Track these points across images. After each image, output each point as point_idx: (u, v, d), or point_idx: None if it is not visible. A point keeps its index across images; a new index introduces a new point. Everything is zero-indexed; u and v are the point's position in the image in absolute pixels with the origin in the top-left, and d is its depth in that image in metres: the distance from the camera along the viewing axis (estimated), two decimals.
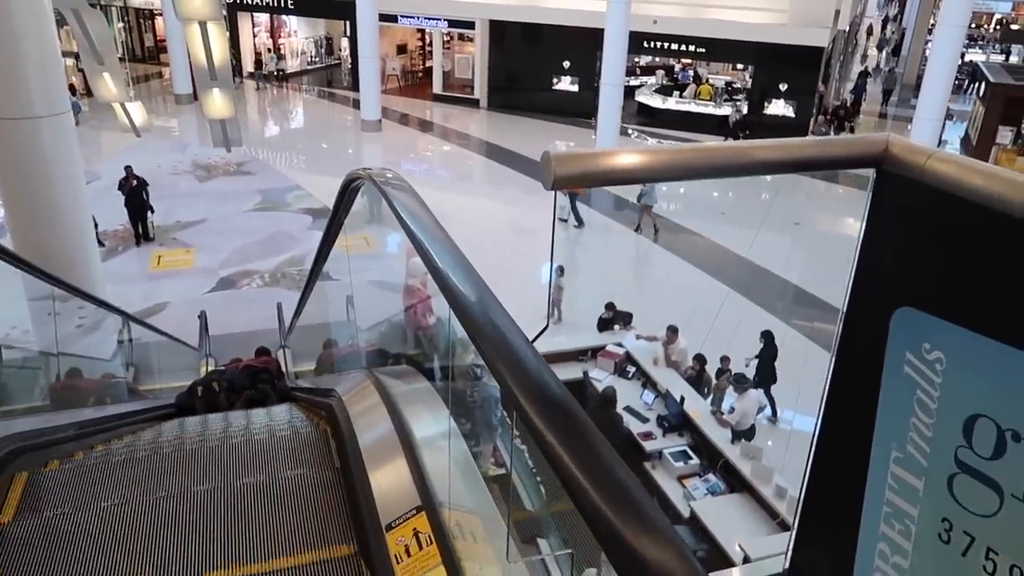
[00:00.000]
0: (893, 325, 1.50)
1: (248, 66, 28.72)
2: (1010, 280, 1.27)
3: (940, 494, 1.42)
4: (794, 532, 2.01)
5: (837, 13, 21.82)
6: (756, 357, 9.93)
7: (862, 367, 1.62)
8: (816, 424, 1.91)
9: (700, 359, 9.59)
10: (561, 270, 11.54)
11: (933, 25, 23.46)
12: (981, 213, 1.27)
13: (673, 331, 9.65)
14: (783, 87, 21.99)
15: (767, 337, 9.92)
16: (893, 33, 40.80)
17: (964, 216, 1.31)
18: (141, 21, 31.08)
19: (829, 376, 1.82)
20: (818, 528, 1.99)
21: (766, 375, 9.82)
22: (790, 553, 1.92)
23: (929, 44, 22.78)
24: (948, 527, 1.41)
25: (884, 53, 36.47)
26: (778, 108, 22.32)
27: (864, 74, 27.85)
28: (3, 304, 7.04)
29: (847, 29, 26.94)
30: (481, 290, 1.54)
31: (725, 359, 9.64)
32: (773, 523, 6.98)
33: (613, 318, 10.38)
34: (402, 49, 29.49)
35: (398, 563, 1.91)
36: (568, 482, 0.99)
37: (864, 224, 1.63)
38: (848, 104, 24.15)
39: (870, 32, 39.70)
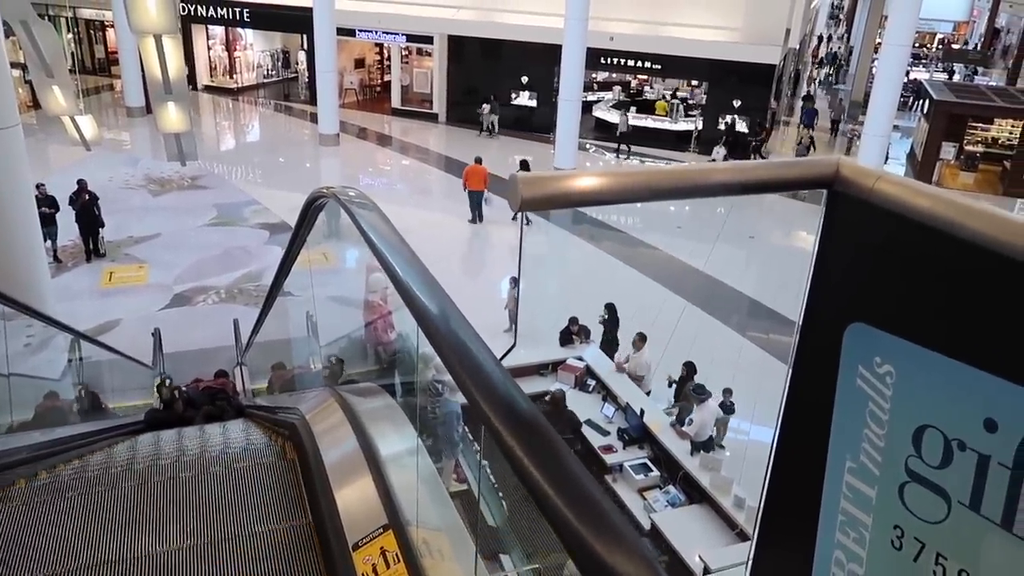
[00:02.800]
0: (846, 340, 1.56)
1: (203, 79, 28.32)
2: (954, 296, 1.34)
3: (892, 502, 1.48)
4: (754, 542, 2.06)
5: (788, 31, 22.43)
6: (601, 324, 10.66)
7: (817, 380, 1.68)
8: (774, 435, 1.97)
9: (689, 366, 9.75)
10: (515, 282, 11.63)
11: (879, 44, 24.21)
12: (926, 233, 1.34)
13: (641, 338, 9.81)
14: (737, 103, 22.47)
15: (610, 309, 10.57)
16: (836, 55, 41.82)
17: (910, 235, 1.38)
18: (92, 32, 30.45)
19: (786, 389, 1.88)
20: (777, 537, 2.04)
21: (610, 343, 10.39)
22: (750, 563, 1.97)
23: (875, 63, 23.54)
24: (900, 534, 1.47)
25: (823, 73, 37.38)
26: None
27: (808, 98, 27.24)
28: None
29: (798, 47, 27.68)
30: (449, 308, 1.55)
31: (690, 364, 9.81)
32: (732, 533, 7.08)
33: (578, 332, 10.48)
34: (360, 63, 29.39)
35: None
36: (537, 495, 1.01)
37: (817, 242, 1.70)
38: (757, 126, 22.56)
39: (815, 55, 40.41)
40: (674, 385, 9.89)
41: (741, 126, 22.44)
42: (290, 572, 2.15)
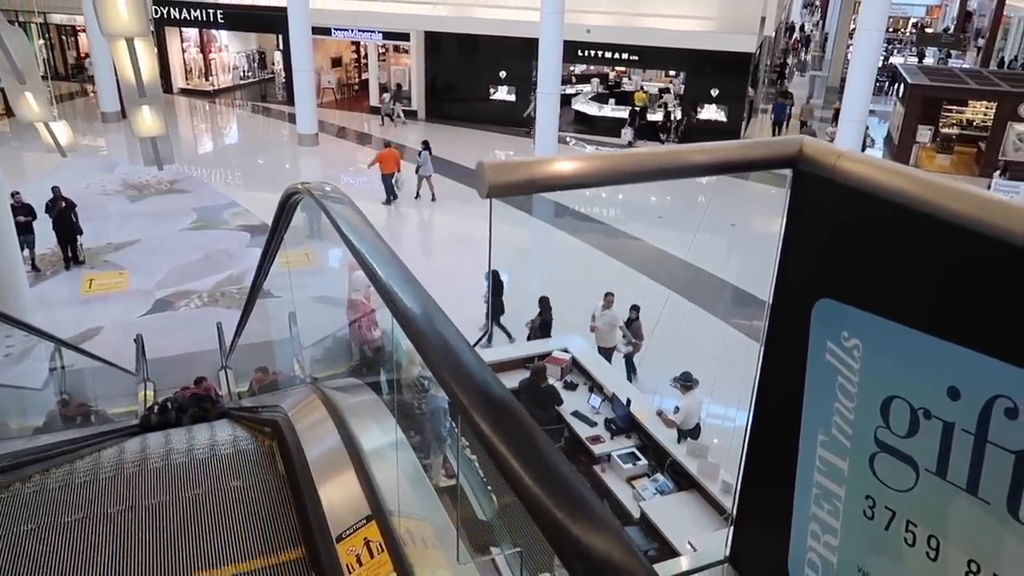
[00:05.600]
0: (814, 316, 1.59)
1: (179, 82, 28.06)
2: (915, 269, 1.36)
3: (863, 473, 1.51)
4: (733, 517, 2.09)
5: (763, 20, 22.55)
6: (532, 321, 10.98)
7: (788, 357, 1.71)
8: (749, 414, 2.00)
9: (635, 308, 10.94)
10: (495, 276, 11.69)
11: (853, 30, 24.40)
12: (887, 207, 1.37)
13: (608, 296, 10.62)
14: (714, 92, 22.58)
15: (542, 303, 10.89)
16: (808, 39, 41.85)
17: (872, 211, 1.41)
18: (64, 38, 30.10)
19: (759, 367, 1.91)
20: (755, 514, 2.07)
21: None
22: (729, 540, 2.00)
23: (851, 48, 23.72)
24: (871, 504, 1.50)
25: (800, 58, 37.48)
26: (710, 113, 22.90)
27: (783, 94, 26.29)
28: None
29: (773, 35, 27.84)
30: (424, 300, 1.57)
31: (635, 308, 10.92)
32: (721, 518, 7.13)
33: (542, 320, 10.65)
34: (337, 62, 29.24)
35: (350, 573, 1.92)
36: (516, 485, 1.03)
37: (784, 221, 1.72)
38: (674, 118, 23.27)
39: (795, 47, 40.13)
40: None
41: (713, 113, 22.61)
42: (276, 564, 2.16)
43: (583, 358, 9.61)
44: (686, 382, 8.69)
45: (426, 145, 18.16)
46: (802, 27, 45.49)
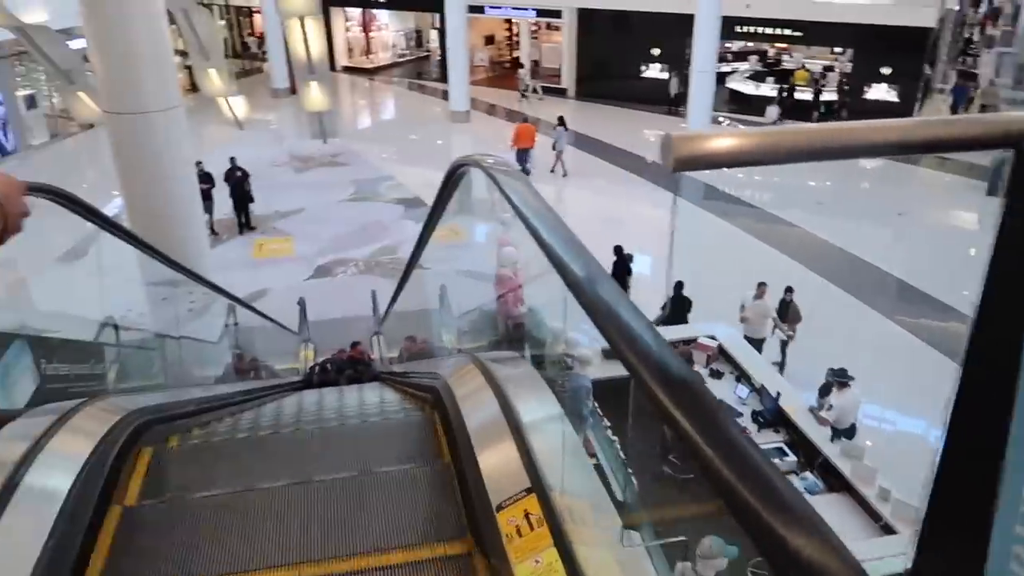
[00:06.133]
0: None
1: (341, 60, 29.50)
2: None
3: None
4: (918, 535, 1.93)
5: None
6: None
7: (995, 374, 1.53)
8: (942, 433, 1.83)
9: (790, 290, 10.55)
10: (631, 257, 11.49)
11: None
12: None
13: (761, 286, 10.24)
14: (885, 71, 20.95)
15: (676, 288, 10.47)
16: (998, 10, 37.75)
17: None
18: (240, 19, 32.36)
19: (957, 385, 1.73)
20: (942, 546, 1.90)
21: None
22: (910, 567, 1.84)
23: None
24: None
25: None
26: (880, 92, 21.29)
27: (965, 75, 23.84)
28: (117, 287, 7.52)
29: (958, 7, 25.42)
30: (598, 272, 1.53)
31: (789, 289, 10.53)
32: (876, 526, 6.71)
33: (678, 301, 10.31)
34: (490, 40, 29.66)
35: (509, 543, 1.94)
36: (715, 479, 0.97)
37: (1002, 215, 1.53)
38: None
39: (983, 22, 36.24)
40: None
41: (884, 92, 20.97)
42: (434, 527, 2.22)
43: (731, 346, 9.28)
44: (841, 379, 8.20)
45: (561, 121, 18.23)
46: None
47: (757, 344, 9.94)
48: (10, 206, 1.05)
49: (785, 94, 22.01)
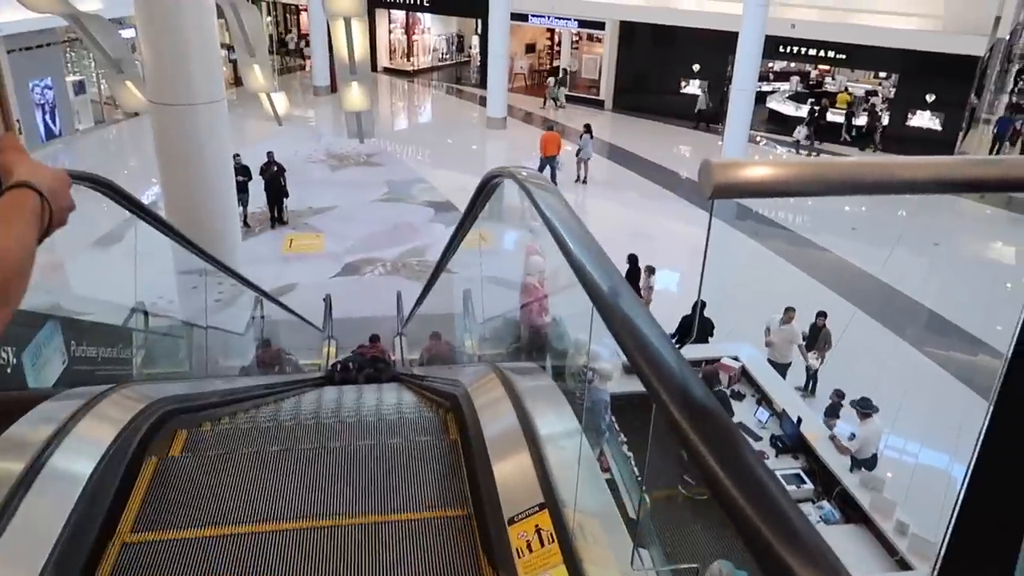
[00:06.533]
0: None
1: (383, 61, 29.77)
2: None
3: None
4: (937, 569, 1.90)
5: (997, 20, 20.27)
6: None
7: None
8: (968, 467, 1.80)
9: (823, 315, 10.36)
10: (651, 270, 11.42)
11: None
12: None
13: (789, 311, 10.11)
14: (930, 98, 20.65)
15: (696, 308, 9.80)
16: None
17: None
18: (287, 16, 32.82)
19: (988, 416, 1.70)
20: (963, 571, 1.87)
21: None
22: None
23: None
24: None
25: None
26: (923, 120, 20.98)
27: (1015, 107, 23.41)
28: (149, 274, 7.65)
29: (1008, 37, 24.99)
30: (625, 291, 1.53)
31: (822, 314, 10.33)
32: (891, 560, 6.59)
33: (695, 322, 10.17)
34: (531, 48, 29.75)
35: (519, 557, 1.94)
36: (726, 504, 0.97)
37: None
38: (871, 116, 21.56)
39: None
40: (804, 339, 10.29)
41: (927, 120, 20.67)
42: (446, 537, 2.23)
43: (754, 368, 9.19)
44: (865, 409, 8.07)
45: (587, 129, 18.36)
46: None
47: (782, 369, 9.83)
48: (58, 200, 1.08)
49: (816, 115, 21.80)
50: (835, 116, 22.28)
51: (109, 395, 2.73)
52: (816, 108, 22.09)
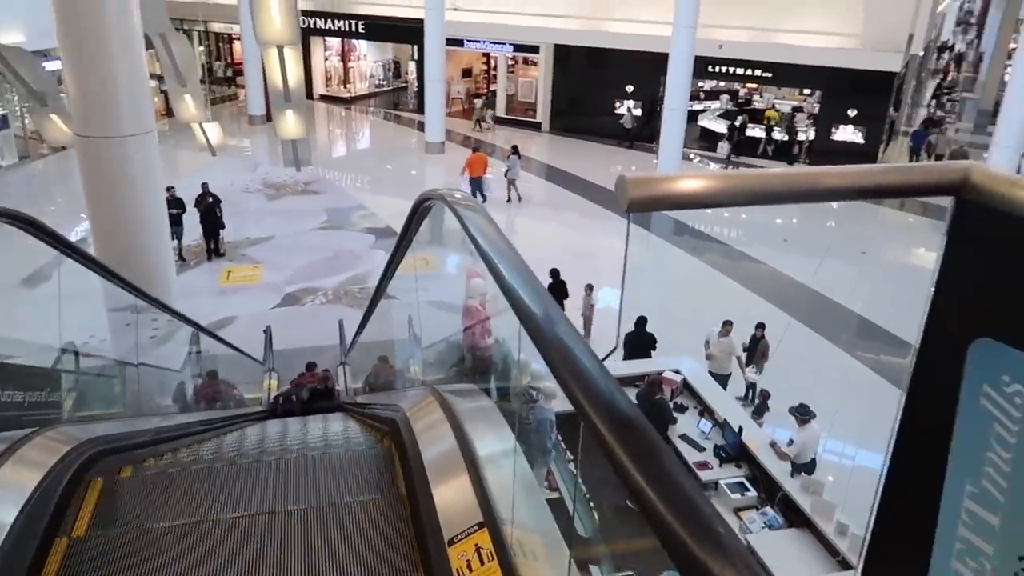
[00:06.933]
0: (970, 356, 1.47)
1: (319, 88, 29.61)
2: None
3: (1018, 531, 1.39)
4: (860, 568, 1.96)
5: (910, 38, 21.33)
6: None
7: (936, 399, 1.59)
8: (886, 456, 1.88)
9: (761, 326, 10.68)
10: (590, 288, 11.62)
11: (1013, 49, 22.66)
12: None
13: (727, 324, 10.29)
14: (852, 112, 21.55)
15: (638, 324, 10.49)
16: (961, 56, 39.10)
17: None
18: (220, 45, 32.39)
19: (901, 407, 1.79)
20: (886, 564, 1.94)
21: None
22: None
23: (1009, 69, 22.04)
24: None
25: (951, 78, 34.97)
26: (846, 134, 21.86)
27: (930, 121, 24.18)
28: (81, 313, 7.41)
29: (921, 54, 26.27)
30: (554, 312, 1.57)
31: (760, 326, 10.64)
32: (833, 560, 6.77)
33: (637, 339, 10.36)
34: (467, 73, 29.99)
35: None
36: (644, 505, 1.00)
37: (942, 253, 1.61)
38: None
39: (946, 72, 37.37)
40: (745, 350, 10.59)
41: (850, 134, 21.58)
42: (386, 560, 2.21)
43: (695, 381, 9.37)
44: (803, 415, 8.30)
45: (515, 149, 18.79)
46: (951, 47, 42.68)
47: (722, 380, 10.05)
48: None
49: (736, 130, 22.75)
50: (754, 132, 23.23)
51: (33, 439, 2.64)
52: (735, 124, 22.93)
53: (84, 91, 7.58)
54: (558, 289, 11.55)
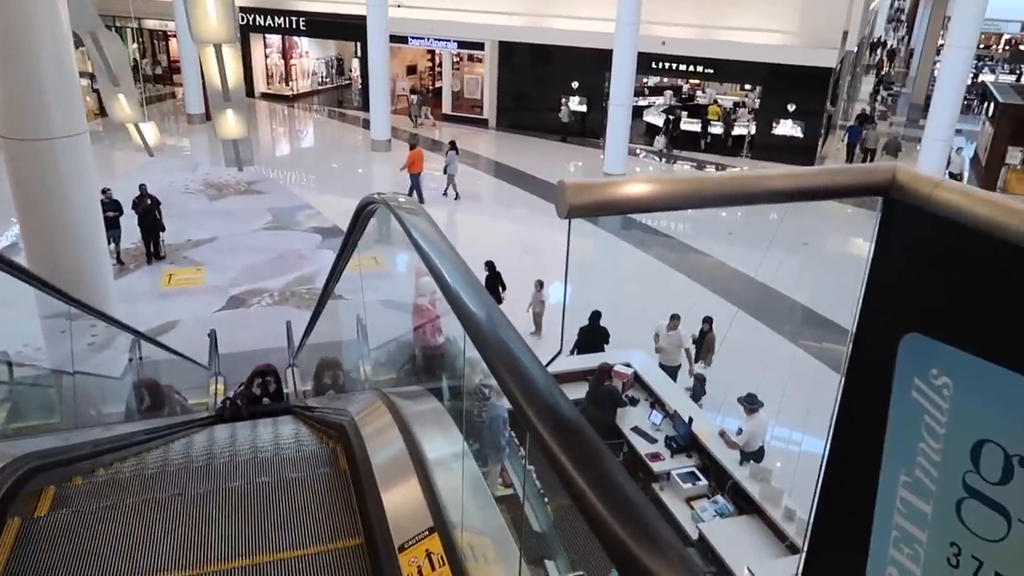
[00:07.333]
0: (901, 350, 1.52)
1: (260, 86, 29.02)
2: (1016, 307, 1.29)
3: (948, 519, 1.44)
4: (803, 556, 2.02)
5: (845, 34, 21.94)
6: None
7: (871, 391, 1.64)
8: (825, 446, 1.93)
9: (708, 320, 10.85)
10: (540, 284, 11.69)
11: (941, 46, 23.50)
12: (987, 241, 1.30)
13: (675, 318, 10.43)
14: (791, 107, 22.07)
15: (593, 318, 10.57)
16: (894, 52, 40.42)
17: (970, 244, 1.34)
18: (155, 42, 31.47)
19: (838, 400, 1.84)
20: (827, 552, 1.99)
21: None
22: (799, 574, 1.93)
23: (938, 65, 22.86)
24: (956, 551, 1.43)
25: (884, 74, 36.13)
26: (786, 128, 22.39)
27: (863, 116, 24.32)
28: (13, 322, 7.14)
29: (855, 50, 27.04)
30: (495, 314, 1.57)
31: (707, 320, 10.82)
32: (782, 546, 6.93)
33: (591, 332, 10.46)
34: (412, 70, 29.75)
35: None
36: (582, 505, 1.01)
37: (872, 251, 1.66)
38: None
39: (880, 67, 38.61)
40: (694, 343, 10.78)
41: (789, 128, 22.13)
42: (338, 570, 2.18)
43: (645, 374, 9.49)
44: (751, 404, 8.49)
45: (453, 145, 18.94)
46: (884, 43, 44.09)
47: (672, 373, 10.20)
48: None
49: (671, 125, 23.22)
50: (689, 126, 23.80)
51: None
52: (671, 118, 23.40)
53: (9, 91, 7.27)
54: (494, 281, 11.63)
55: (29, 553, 2.33)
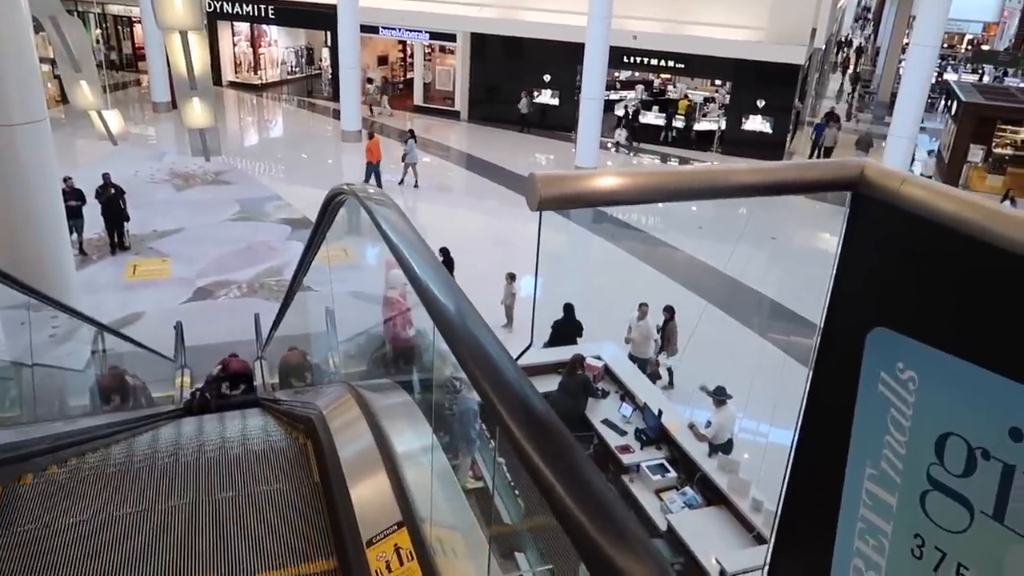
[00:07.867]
0: (868, 344, 1.54)
1: (228, 75, 28.57)
2: (980, 302, 1.31)
3: (913, 510, 1.45)
4: (771, 546, 2.03)
5: (814, 31, 22.19)
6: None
7: (838, 384, 1.66)
8: (793, 439, 1.95)
9: (669, 310, 10.90)
10: (512, 277, 11.69)
11: (907, 45, 23.86)
12: (952, 237, 1.31)
13: (643, 307, 10.59)
14: (760, 103, 22.28)
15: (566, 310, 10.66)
16: (861, 49, 41.05)
17: (936, 239, 1.35)
18: (120, 28, 30.80)
19: (806, 393, 1.85)
20: (794, 543, 2.01)
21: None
22: (767, 569, 1.95)
23: (903, 64, 23.22)
24: (920, 543, 1.45)
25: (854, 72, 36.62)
26: (756, 124, 22.60)
27: (830, 115, 24.11)
28: None
29: (823, 47, 27.35)
30: (464, 306, 1.55)
31: (667, 309, 10.88)
32: (749, 536, 7.02)
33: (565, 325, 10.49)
34: (383, 60, 29.48)
35: None
36: (551, 499, 1.01)
37: (840, 245, 1.67)
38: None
39: (847, 65, 39.13)
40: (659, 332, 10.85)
41: (759, 124, 22.36)
42: (305, 566, 2.16)
43: (616, 366, 9.53)
44: (719, 396, 8.57)
45: (412, 134, 19.04)
46: (851, 41, 44.68)
47: (642, 364, 10.27)
48: None
49: (630, 118, 23.47)
50: (647, 119, 24.04)
51: None
52: (629, 111, 23.63)
53: None
54: (447, 267, 11.59)
55: None
